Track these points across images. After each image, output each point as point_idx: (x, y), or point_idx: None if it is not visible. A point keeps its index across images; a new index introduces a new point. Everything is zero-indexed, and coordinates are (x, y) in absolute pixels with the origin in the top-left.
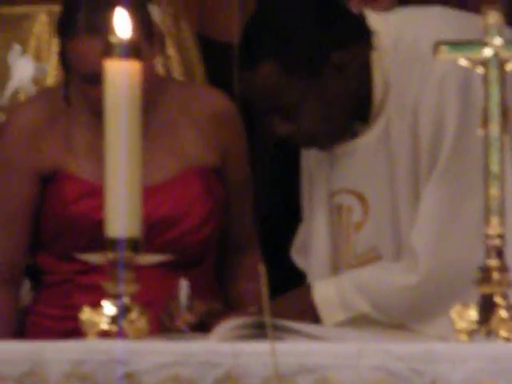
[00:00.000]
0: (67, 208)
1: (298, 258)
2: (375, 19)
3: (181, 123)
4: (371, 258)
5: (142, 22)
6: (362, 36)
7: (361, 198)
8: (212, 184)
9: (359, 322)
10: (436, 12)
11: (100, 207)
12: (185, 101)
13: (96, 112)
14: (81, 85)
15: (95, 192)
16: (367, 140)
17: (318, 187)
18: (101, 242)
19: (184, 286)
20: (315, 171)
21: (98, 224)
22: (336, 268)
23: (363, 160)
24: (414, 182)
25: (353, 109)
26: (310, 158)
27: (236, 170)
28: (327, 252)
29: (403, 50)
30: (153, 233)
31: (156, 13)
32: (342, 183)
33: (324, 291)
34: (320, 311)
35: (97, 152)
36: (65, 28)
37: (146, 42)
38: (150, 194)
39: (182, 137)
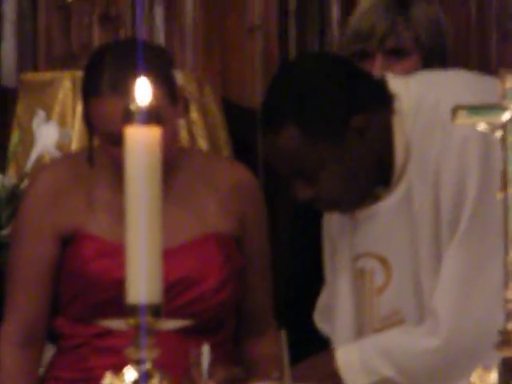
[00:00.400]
0: (86, 267)
1: (320, 321)
2: (396, 83)
3: (202, 191)
4: (394, 321)
5: (167, 84)
6: (383, 100)
7: (383, 261)
8: (230, 251)
9: None
10: (456, 75)
11: (118, 266)
12: (207, 171)
13: (118, 172)
14: (104, 144)
15: (114, 251)
16: (389, 203)
17: (340, 251)
18: (118, 301)
19: (206, 352)
20: (337, 236)
21: (117, 283)
22: (360, 331)
23: (385, 223)
24: (435, 245)
25: (375, 173)
26: (332, 223)
27: (255, 240)
28: (351, 315)
29: (424, 113)
30: (169, 295)
31: (180, 77)
32: (365, 247)
33: (346, 356)
34: (343, 376)
35: (117, 211)
36: (89, 88)
37: (169, 106)
38: (167, 256)
39: (202, 204)
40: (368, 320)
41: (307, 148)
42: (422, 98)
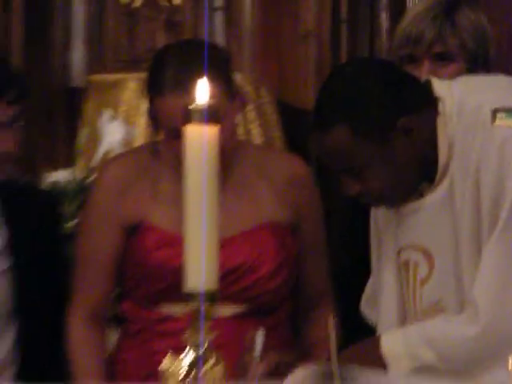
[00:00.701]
0: (148, 257)
1: (366, 308)
2: (440, 86)
3: (257, 183)
4: (436, 311)
5: (225, 82)
6: (428, 102)
7: (426, 253)
8: (285, 239)
9: (425, 371)
10: (497, 81)
11: (177, 255)
12: (262, 164)
13: (180, 165)
14: (167, 139)
15: (174, 242)
16: (432, 199)
17: (386, 244)
18: (178, 287)
19: (259, 337)
20: (383, 229)
21: (176, 271)
22: (403, 319)
23: (428, 218)
24: (476, 239)
25: (419, 171)
26: (378, 217)
27: (311, 229)
28: (395, 305)
29: (466, 115)
30: (227, 281)
31: (238, 79)
32: (409, 240)
33: (391, 342)
34: (387, 361)
35: (178, 203)
36: (152, 86)
37: (227, 102)
38: (225, 244)
39: (258, 195)
40: (411, 309)
41: (356, 147)
42: (464, 100)
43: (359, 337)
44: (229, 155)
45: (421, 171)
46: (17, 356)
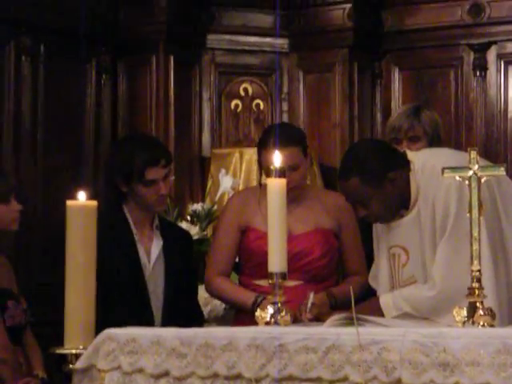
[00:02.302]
0: (251, 245)
1: (371, 281)
2: (411, 155)
3: (316, 207)
4: (411, 282)
5: (302, 145)
6: (405, 164)
7: (405, 250)
8: (329, 238)
9: (404, 316)
10: (444, 151)
11: (265, 245)
12: (320, 195)
13: None
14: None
15: (264, 236)
16: (408, 219)
17: (382, 243)
18: (266, 265)
19: (310, 297)
20: (381, 235)
21: (264, 254)
22: (392, 287)
23: (406, 229)
24: (433, 241)
25: (399, 203)
26: (378, 227)
27: (348, 234)
28: (387, 279)
29: (426, 172)
30: (294, 260)
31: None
32: (395, 242)
33: (385, 300)
34: (383, 310)
35: (266, 215)
36: (261, 144)
37: (303, 158)
38: (294, 238)
39: (316, 213)
40: (396, 281)
41: (363, 190)
42: (425, 163)
43: (370, 296)
44: (301, 189)
45: (400, 203)
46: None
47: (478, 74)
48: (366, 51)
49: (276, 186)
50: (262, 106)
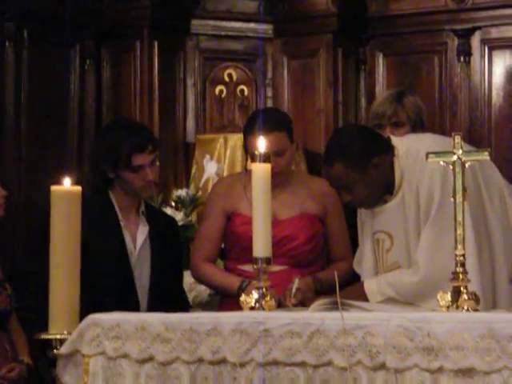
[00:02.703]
0: (236, 229)
1: (356, 267)
2: (395, 140)
3: (301, 192)
4: (395, 267)
5: (288, 131)
6: (388, 149)
7: (389, 235)
8: (314, 223)
9: (389, 301)
10: (428, 136)
11: (251, 230)
12: (305, 181)
13: None
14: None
15: (250, 221)
16: (392, 204)
17: (366, 229)
18: (251, 248)
19: (295, 282)
20: (365, 220)
21: (250, 238)
22: (376, 272)
23: (390, 215)
24: (417, 226)
25: (383, 188)
26: (362, 213)
27: (333, 219)
28: (371, 264)
29: (410, 157)
30: (279, 245)
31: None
32: (379, 227)
33: (369, 285)
34: (368, 295)
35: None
36: (247, 130)
37: (289, 144)
38: (281, 223)
39: (301, 198)
40: (380, 267)
41: (347, 175)
42: (409, 148)
43: (356, 281)
44: (287, 174)
45: (384, 188)
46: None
47: (462, 59)
48: (350, 37)
49: (260, 170)
50: (246, 92)
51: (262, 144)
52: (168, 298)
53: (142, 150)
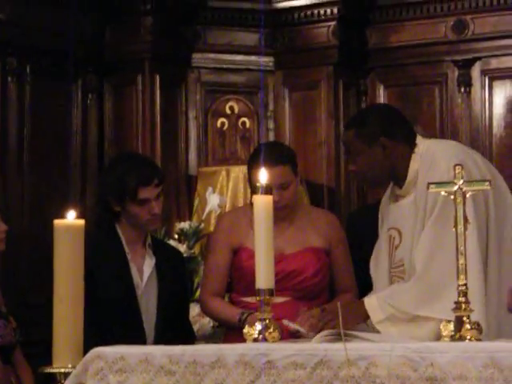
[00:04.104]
0: (242, 264)
1: (372, 262)
2: (419, 139)
3: (306, 226)
4: (401, 264)
5: (293, 165)
6: (406, 141)
7: (399, 232)
8: (321, 256)
9: (391, 319)
10: (450, 142)
11: None
12: (309, 214)
13: None
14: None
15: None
16: (406, 201)
17: (383, 225)
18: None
19: (301, 312)
20: (383, 217)
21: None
22: (389, 265)
23: (403, 212)
24: (423, 225)
25: (388, 174)
26: (383, 208)
27: (338, 252)
28: (386, 259)
29: (426, 157)
30: (287, 279)
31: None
32: (393, 223)
33: (370, 301)
34: (369, 312)
35: None
36: (252, 163)
37: (293, 177)
38: (287, 257)
39: (306, 232)
40: (391, 263)
41: (355, 143)
42: (427, 149)
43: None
44: (292, 207)
45: (388, 174)
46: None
47: (462, 90)
48: (351, 68)
49: (262, 202)
50: (248, 124)
51: (263, 176)
52: (175, 330)
53: (147, 184)
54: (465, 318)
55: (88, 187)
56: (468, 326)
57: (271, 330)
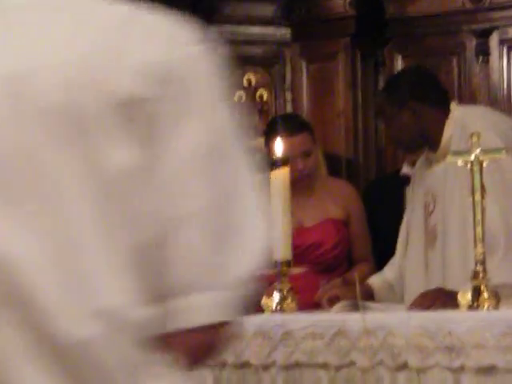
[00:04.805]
0: None
1: (402, 227)
2: (454, 105)
3: (325, 197)
4: (434, 229)
5: (311, 134)
6: (438, 105)
7: (434, 196)
8: (340, 228)
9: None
10: (479, 108)
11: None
12: (327, 185)
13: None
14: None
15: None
16: (437, 170)
17: (419, 191)
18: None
19: (321, 285)
20: (418, 182)
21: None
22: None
23: (437, 178)
24: (452, 196)
25: (418, 138)
26: (416, 175)
27: (356, 222)
28: (421, 223)
29: (456, 124)
30: (307, 252)
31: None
32: (427, 189)
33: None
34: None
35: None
36: (270, 134)
37: (313, 145)
38: (305, 231)
39: (325, 203)
40: (425, 227)
41: (385, 107)
42: (460, 116)
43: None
44: (313, 177)
45: (418, 139)
46: None
47: (480, 59)
48: (368, 39)
49: (279, 175)
50: (265, 97)
51: (282, 146)
52: None
53: None
54: (482, 287)
55: None
56: (485, 295)
57: (289, 301)
